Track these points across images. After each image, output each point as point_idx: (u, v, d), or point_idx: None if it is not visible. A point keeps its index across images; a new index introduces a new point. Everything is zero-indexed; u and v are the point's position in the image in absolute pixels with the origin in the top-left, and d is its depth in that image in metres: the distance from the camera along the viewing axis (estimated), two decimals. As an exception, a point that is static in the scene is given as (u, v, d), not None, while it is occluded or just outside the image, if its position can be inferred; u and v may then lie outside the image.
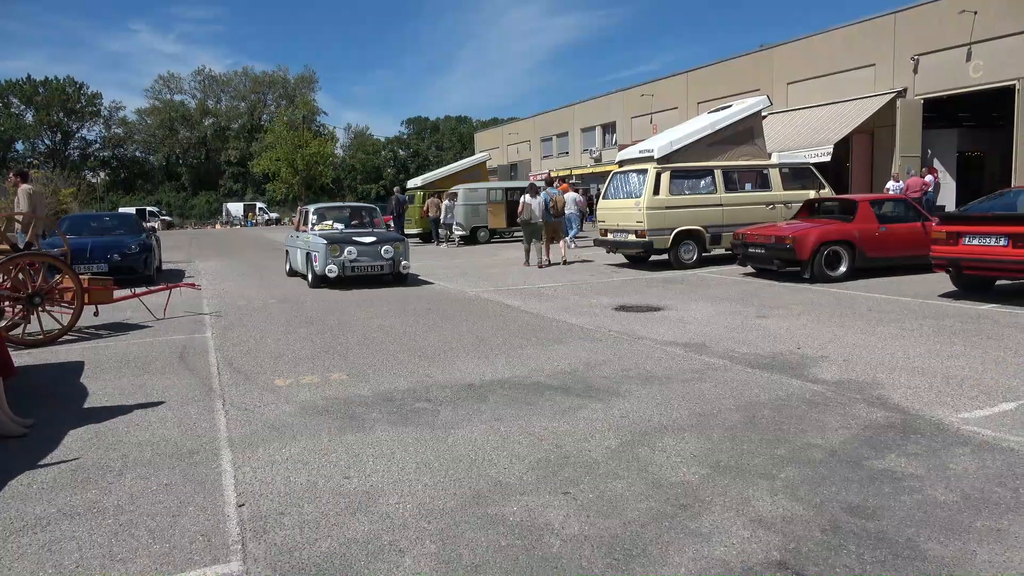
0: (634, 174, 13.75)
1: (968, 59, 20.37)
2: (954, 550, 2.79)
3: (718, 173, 13.63)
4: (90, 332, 8.30)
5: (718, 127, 14.28)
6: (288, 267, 14.19)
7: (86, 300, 8.13)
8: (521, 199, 14.91)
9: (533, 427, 4.45)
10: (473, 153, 47.38)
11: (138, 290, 9.80)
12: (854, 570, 2.67)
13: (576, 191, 23.22)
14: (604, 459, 3.88)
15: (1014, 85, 18.93)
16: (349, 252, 11.53)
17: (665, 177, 13.22)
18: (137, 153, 79.98)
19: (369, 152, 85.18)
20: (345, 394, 5.36)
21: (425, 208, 24.48)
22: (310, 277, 12.05)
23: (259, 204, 63.37)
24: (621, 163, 14.81)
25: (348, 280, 12.04)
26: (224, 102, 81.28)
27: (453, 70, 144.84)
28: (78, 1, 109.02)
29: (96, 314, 8.83)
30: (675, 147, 13.73)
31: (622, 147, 24.09)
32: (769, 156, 15.77)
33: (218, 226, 59.54)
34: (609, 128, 38.60)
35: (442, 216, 23.49)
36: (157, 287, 10.01)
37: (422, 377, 5.83)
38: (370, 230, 12.79)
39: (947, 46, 20.83)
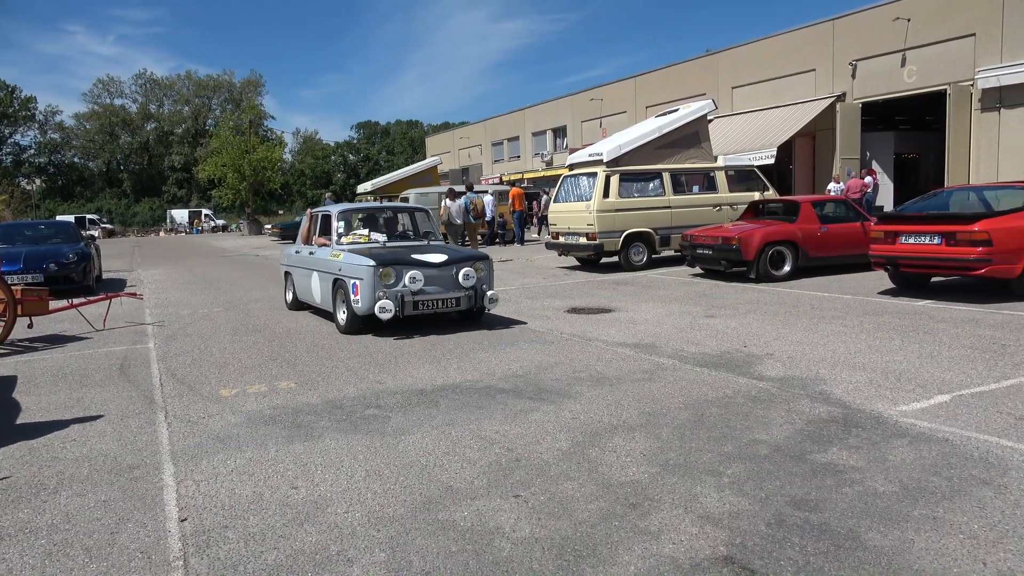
0: (584, 177, 13.87)
1: (903, 64, 21.15)
2: (893, 539, 2.88)
3: (666, 176, 13.84)
4: (24, 345, 7.98)
5: (665, 131, 14.53)
6: (291, 296, 9.96)
7: (19, 312, 7.81)
8: (442, 203, 16.54)
9: (484, 431, 4.43)
10: (424, 157, 47.23)
11: (76, 300, 9.45)
12: (798, 562, 2.73)
13: (540, 194, 23.45)
14: (555, 461, 3.89)
15: (945, 90, 19.72)
16: (412, 280, 7.54)
17: (614, 180, 13.37)
18: (75, 159, 77.28)
19: (318, 157, 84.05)
20: (293, 403, 5.26)
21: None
22: (341, 316, 8.04)
23: (205, 211, 61.91)
24: (571, 166, 14.95)
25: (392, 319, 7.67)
26: (167, 106, 79.17)
27: (403, 74, 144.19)
28: (8, 0, 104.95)
29: (30, 326, 8.49)
30: (624, 150, 13.93)
31: (572, 151, 24.30)
32: (715, 159, 16.11)
33: (162, 233, 57.99)
34: (560, 132, 38.88)
35: None
36: (96, 297, 9.68)
37: (373, 384, 5.76)
38: (427, 243, 8.87)
39: (883, 52, 21.59)
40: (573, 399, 5.06)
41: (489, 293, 7.99)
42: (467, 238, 17.77)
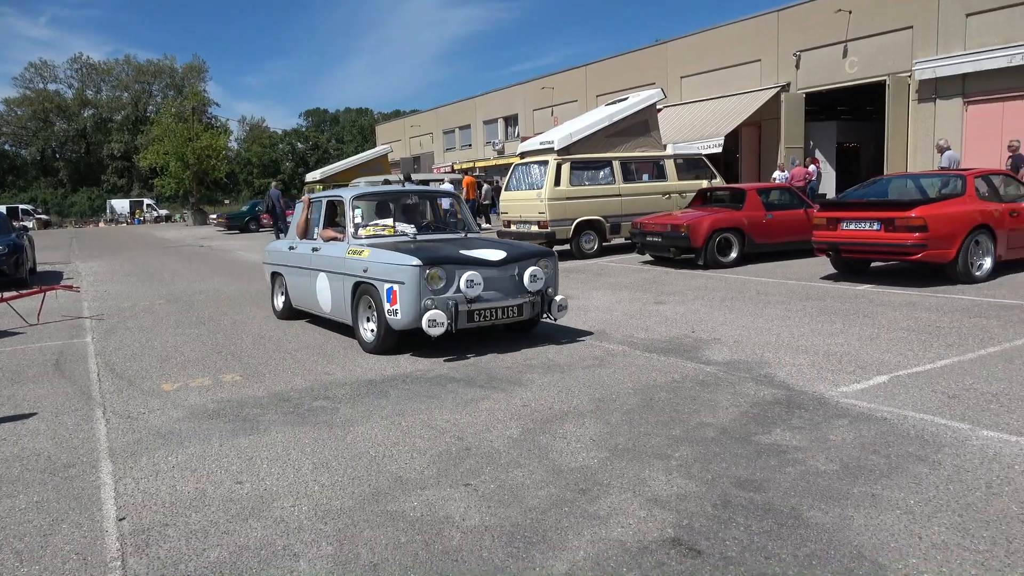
0: (535, 166, 13.88)
1: (844, 56, 21.67)
2: (834, 516, 2.95)
3: (616, 164, 13.93)
4: (-49, 341, 7.61)
5: (615, 119, 14.60)
6: (282, 302, 8.18)
7: (-55, 306, 7.45)
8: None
9: (435, 420, 4.40)
10: (375, 146, 46.60)
11: (7, 294, 9.06)
12: (742, 542, 2.78)
13: (489, 183, 23.38)
14: (506, 448, 3.89)
15: (884, 80, 20.29)
16: (469, 283, 5.93)
17: (565, 168, 13.41)
18: (7, 147, 74.01)
19: (266, 145, 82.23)
20: (238, 396, 5.14)
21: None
22: (367, 330, 6.41)
23: (147, 200, 60.01)
24: (522, 155, 14.93)
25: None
26: (105, 92, 76.34)
27: (352, 61, 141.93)
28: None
29: (-42, 321, 8.11)
30: (575, 139, 13.96)
31: (524, 139, 24.29)
32: (664, 147, 16.27)
33: (102, 224, 56.03)
34: (511, 120, 38.80)
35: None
36: (30, 290, 9.29)
37: (321, 375, 5.66)
38: (464, 235, 7.34)
39: (825, 43, 22.08)
40: (524, 387, 5.06)
41: (558, 299, 6.48)
42: None
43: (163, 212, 57.75)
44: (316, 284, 7.18)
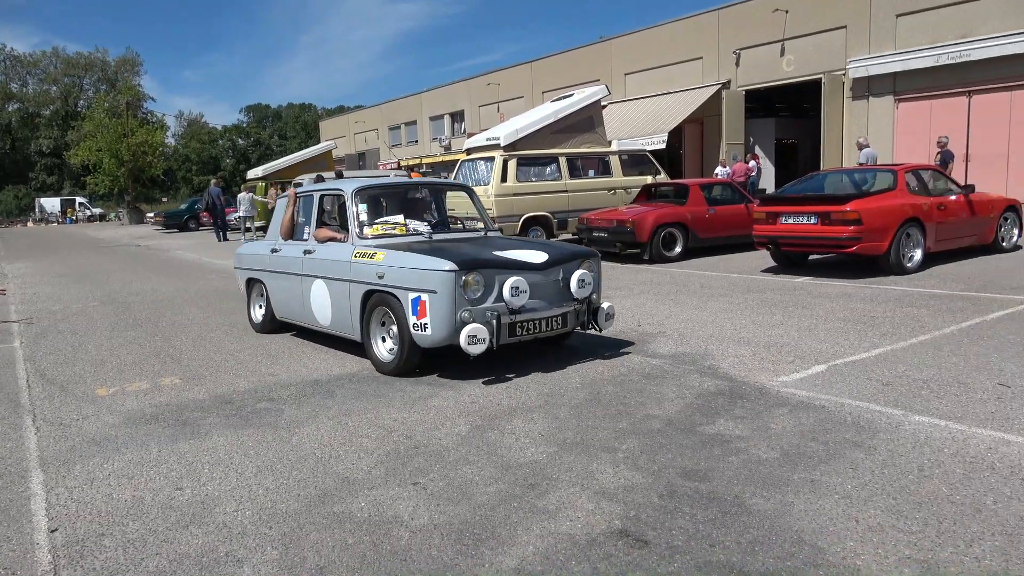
0: (482, 162, 13.85)
1: (782, 54, 22.24)
2: (775, 503, 3.03)
3: (563, 160, 14.01)
4: None
5: (561, 115, 14.69)
6: (262, 313, 7.23)
7: None
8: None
9: (383, 419, 4.35)
10: (319, 142, 45.82)
11: (-73, 298, 8.60)
12: (688, 530, 2.83)
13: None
14: (454, 446, 3.87)
15: (820, 79, 20.91)
16: (514, 290, 5.07)
17: (512, 164, 13.41)
18: (-77, 142, 70.27)
19: (205, 141, 79.94)
20: (178, 399, 4.99)
21: (270, 200, 23.41)
22: (384, 349, 5.51)
23: (79, 199, 57.73)
24: (469, 151, 14.88)
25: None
26: (32, 86, 72.92)
27: (294, 56, 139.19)
28: None
29: None
30: (520, 135, 13.98)
31: (470, 135, 24.22)
32: (610, 144, 16.44)
33: (30, 224, 53.68)
34: (458, 116, 38.64)
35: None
36: (-49, 294, 8.83)
37: (265, 376, 5.54)
38: (485, 234, 6.49)
39: (764, 42, 22.62)
40: (472, 384, 5.04)
41: (605, 306, 5.69)
42: None
43: (97, 211, 55.64)
44: (310, 292, 6.16)
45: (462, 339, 4.85)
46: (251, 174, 26.97)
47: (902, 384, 4.57)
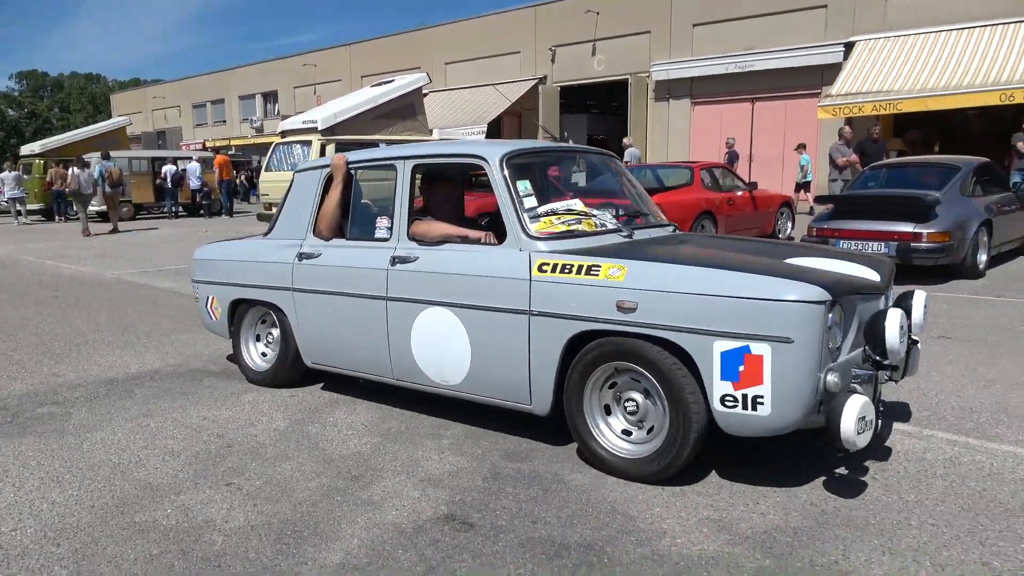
0: (298, 145, 13.26)
1: (593, 54, 23.43)
2: (591, 477, 3.20)
3: (383, 147, 13.77)
4: None
5: (381, 101, 14.44)
6: (273, 356, 4.63)
7: None
8: (70, 171, 16.63)
9: (190, 418, 4.05)
10: (109, 117, 41.46)
11: None
12: (511, 509, 2.91)
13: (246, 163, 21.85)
14: (272, 442, 3.69)
15: (627, 79, 22.31)
16: (901, 332, 3.07)
17: (330, 149, 12.94)
18: None
19: (-38, 110, 69.43)
20: (-64, 407, 4.31)
21: (49, 179, 20.92)
22: (615, 440, 3.25)
23: None
24: (283, 134, 14.20)
25: None
26: None
27: (77, 18, 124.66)
28: None
29: None
30: (339, 119, 13.55)
31: (285, 117, 23.14)
32: (431, 132, 16.44)
33: None
34: (271, 97, 36.71)
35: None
36: None
37: (47, 377, 4.94)
38: (674, 231, 4.76)
39: (577, 41, 23.69)
40: (291, 376, 4.83)
41: (919, 344, 3.60)
42: (108, 210, 17.49)
43: None
44: (411, 329, 3.78)
45: (844, 427, 2.77)
46: (26, 149, 23.90)
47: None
